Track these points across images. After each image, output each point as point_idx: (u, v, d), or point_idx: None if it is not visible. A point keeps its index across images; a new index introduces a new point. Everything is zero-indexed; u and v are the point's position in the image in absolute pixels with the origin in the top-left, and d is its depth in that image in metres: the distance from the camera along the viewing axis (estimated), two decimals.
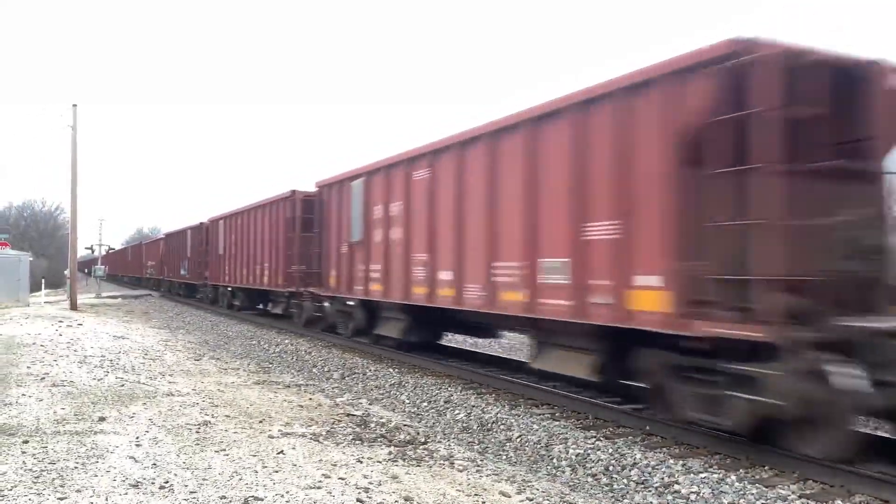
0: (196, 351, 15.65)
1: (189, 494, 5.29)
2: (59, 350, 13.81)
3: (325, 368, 14.01)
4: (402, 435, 7.85)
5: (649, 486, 6.63)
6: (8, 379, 10.25)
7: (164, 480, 5.61)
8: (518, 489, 6.04)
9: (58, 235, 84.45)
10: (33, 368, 11.29)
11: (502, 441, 8.39)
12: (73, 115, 28.74)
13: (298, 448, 6.89)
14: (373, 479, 5.96)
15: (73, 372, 11.11)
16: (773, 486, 6.35)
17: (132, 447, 6.63)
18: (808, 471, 6.58)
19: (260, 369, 13.14)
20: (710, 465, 7.01)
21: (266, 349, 17.18)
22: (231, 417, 8.22)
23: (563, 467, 7.35)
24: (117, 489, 5.37)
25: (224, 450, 6.66)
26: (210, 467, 6.04)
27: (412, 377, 12.31)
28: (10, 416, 7.79)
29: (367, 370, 13.34)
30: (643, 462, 7.15)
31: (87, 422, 7.68)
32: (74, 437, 6.93)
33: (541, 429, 8.51)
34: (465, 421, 9.31)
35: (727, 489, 6.32)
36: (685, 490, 6.42)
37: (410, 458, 6.83)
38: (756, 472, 6.81)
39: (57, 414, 8.01)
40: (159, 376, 11.23)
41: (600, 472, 7.09)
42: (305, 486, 5.62)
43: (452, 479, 6.17)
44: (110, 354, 13.47)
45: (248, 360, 14.82)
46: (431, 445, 7.47)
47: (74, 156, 28.66)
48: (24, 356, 12.72)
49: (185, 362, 13.31)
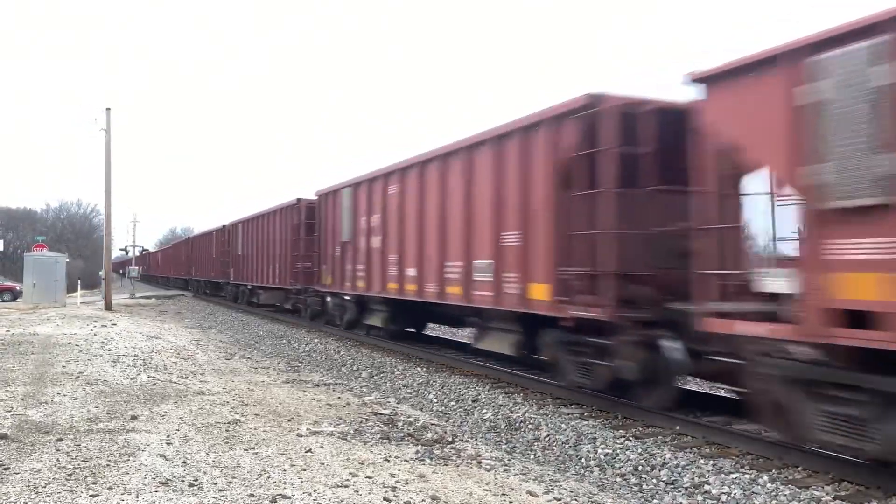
0: (227, 350, 15.84)
1: (218, 492, 5.35)
2: (94, 350, 14.05)
3: (354, 367, 14.08)
4: (429, 434, 7.85)
5: (679, 487, 6.54)
6: (44, 378, 10.46)
7: (193, 478, 5.67)
8: (546, 489, 6.00)
9: (93, 237, 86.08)
10: (68, 368, 11.51)
11: (530, 440, 8.35)
12: (106, 119, 29.23)
13: (326, 447, 6.92)
14: (400, 477, 5.97)
15: (106, 371, 11.31)
16: (806, 487, 6.22)
17: (163, 445, 6.72)
18: (844, 471, 6.44)
19: (289, 368, 13.25)
20: (741, 465, 6.90)
21: (296, 348, 17.32)
22: (260, 416, 8.29)
23: (591, 467, 7.29)
24: (148, 487, 5.44)
25: (253, 448, 6.72)
26: (239, 465, 6.10)
27: (440, 376, 12.31)
28: (45, 415, 7.95)
29: (396, 369, 13.37)
30: (673, 462, 7.06)
31: (120, 420, 7.80)
32: (107, 436, 7.04)
33: (569, 428, 8.45)
34: (493, 420, 9.28)
35: (759, 490, 6.21)
36: (716, 490, 6.32)
37: (438, 457, 6.82)
38: (789, 472, 6.68)
39: (90, 412, 8.15)
40: (190, 375, 11.38)
41: (629, 472, 7.01)
42: (333, 485, 5.64)
43: (479, 479, 6.15)
44: (143, 354, 13.68)
45: (278, 358, 14.95)
46: (459, 444, 7.46)
47: (108, 159, 29.15)
48: (60, 356, 12.97)
49: (216, 361, 13.47)
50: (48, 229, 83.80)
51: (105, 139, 29.12)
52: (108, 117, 29.21)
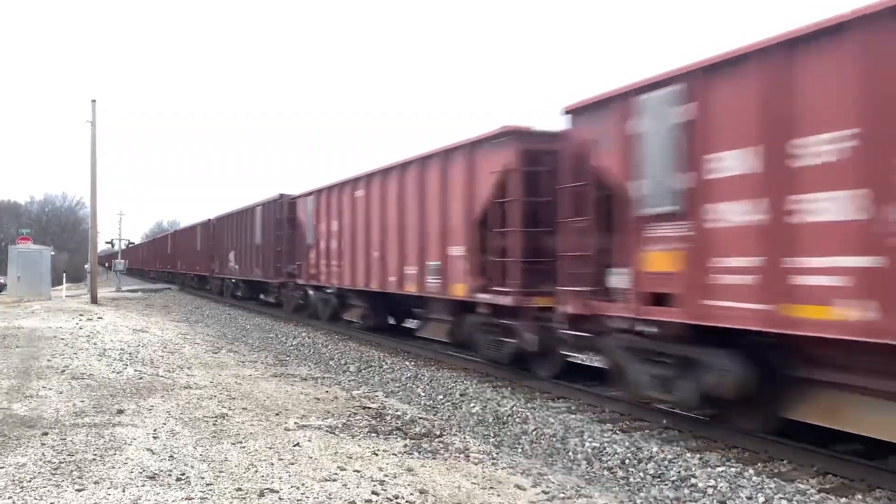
0: (214, 344, 15.76)
1: (205, 486, 5.33)
2: (80, 343, 13.96)
3: (342, 361, 14.06)
4: (417, 428, 7.85)
5: (666, 480, 6.58)
6: (29, 371, 10.38)
7: (180, 472, 5.65)
8: (533, 482, 6.02)
9: (79, 230, 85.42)
10: (54, 361, 11.43)
11: (518, 434, 8.37)
12: (92, 111, 28.97)
13: (314, 440, 6.91)
14: (388, 471, 5.97)
15: (92, 365, 11.23)
16: (791, 480, 6.28)
17: (149, 439, 6.69)
18: (828, 465, 6.52)
19: (277, 362, 13.21)
20: (727, 458, 6.96)
21: (283, 342, 17.27)
22: (248, 410, 8.26)
23: (579, 460, 7.32)
24: (134, 481, 5.41)
25: (240, 442, 6.70)
26: (226, 459, 6.08)
27: (428, 370, 12.32)
28: (30, 409, 7.89)
29: (384, 363, 13.37)
30: (660, 455, 7.10)
31: (106, 414, 7.76)
32: (93, 430, 7.00)
33: (557, 422, 8.48)
34: (481, 414, 9.30)
35: (745, 483, 6.26)
36: (702, 484, 6.36)
37: (426, 450, 6.83)
38: (774, 465, 6.74)
39: (76, 406, 8.10)
40: (177, 369, 11.32)
41: (616, 466, 7.05)
42: (321, 479, 5.63)
43: (467, 472, 6.16)
44: (129, 347, 13.59)
45: (265, 352, 14.90)
46: (447, 438, 7.46)
47: (94, 151, 28.92)
48: (45, 349, 12.87)
49: (203, 355, 13.41)
50: (33, 222, 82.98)
51: (91, 132, 28.89)
52: (93, 109, 28.97)
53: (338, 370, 13.16)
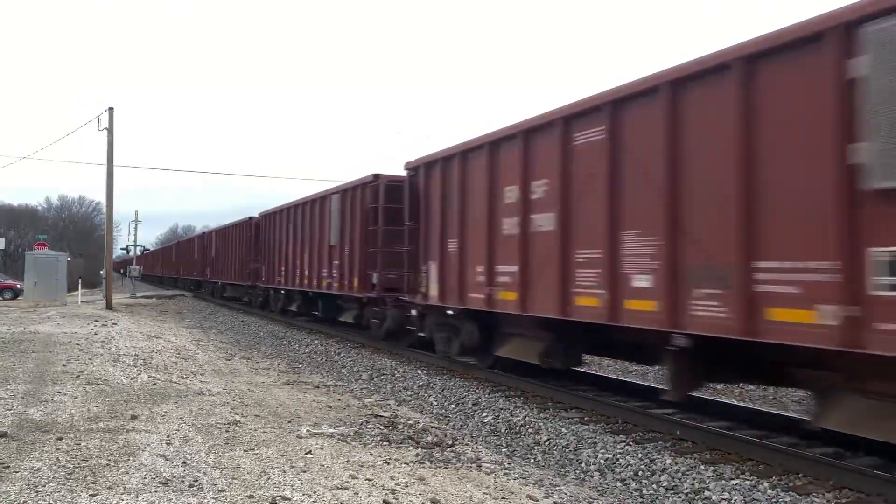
0: (227, 350, 15.83)
1: (217, 493, 5.34)
2: (94, 349, 14.05)
3: (355, 369, 14.07)
4: (429, 437, 7.84)
5: (679, 492, 6.53)
6: (44, 377, 10.45)
7: (193, 479, 5.67)
8: (545, 493, 5.99)
9: (95, 236, 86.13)
10: (69, 367, 11.50)
11: (530, 444, 8.34)
12: (109, 119, 29.18)
13: (326, 448, 6.91)
14: (399, 480, 5.96)
15: (107, 370, 11.30)
16: (807, 494, 6.21)
17: (163, 445, 6.71)
18: (844, 479, 6.43)
19: (290, 369, 13.24)
20: (741, 471, 6.88)
21: (296, 349, 17.31)
22: (260, 417, 8.28)
23: (591, 472, 7.28)
24: (148, 487, 5.43)
25: (253, 449, 6.71)
26: (239, 466, 6.09)
27: (440, 379, 12.30)
28: (45, 413, 7.94)
29: (396, 371, 13.36)
30: (673, 467, 7.05)
31: (120, 420, 7.80)
32: (107, 435, 7.03)
33: (569, 432, 8.44)
34: (493, 423, 9.27)
35: (759, 496, 6.20)
36: (716, 497, 6.30)
37: (437, 460, 6.81)
38: (790, 479, 6.66)
39: (90, 412, 8.15)
40: (191, 375, 11.37)
41: (629, 477, 7.00)
42: (333, 487, 5.63)
43: (479, 482, 6.14)
44: (144, 353, 13.67)
45: (278, 360, 14.94)
46: (459, 448, 7.45)
47: (111, 158, 29.16)
48: (61, 354, 12.96)
49: (216, 361, 13.46)
50: (49, 227, 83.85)
51: (108, 139, 29.12)
52: (110, 117, 29.18)
53: (350, 378, 13.17)
